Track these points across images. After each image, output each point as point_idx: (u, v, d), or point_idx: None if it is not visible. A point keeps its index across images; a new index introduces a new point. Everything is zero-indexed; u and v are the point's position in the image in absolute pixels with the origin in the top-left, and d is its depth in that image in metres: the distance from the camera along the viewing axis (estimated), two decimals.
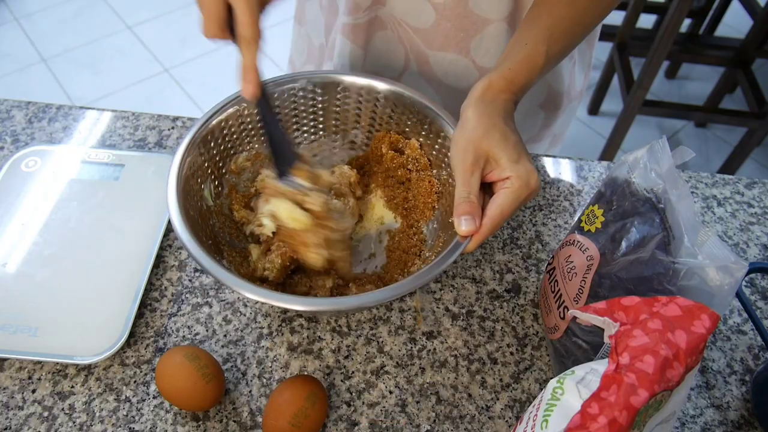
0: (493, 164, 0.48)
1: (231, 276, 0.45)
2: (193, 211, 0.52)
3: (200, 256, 0.46)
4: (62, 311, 0.54)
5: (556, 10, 0.53)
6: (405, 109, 0.59)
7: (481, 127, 0.48)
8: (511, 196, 0.47)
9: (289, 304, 0.44)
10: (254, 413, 0.50)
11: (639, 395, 0.33)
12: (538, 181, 0.47)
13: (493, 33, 0.65)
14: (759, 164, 2.01)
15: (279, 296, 0.44)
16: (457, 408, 0.51)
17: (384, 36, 0.69)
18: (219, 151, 0.57)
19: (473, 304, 0.58)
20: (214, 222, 0.56)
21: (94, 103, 2.02)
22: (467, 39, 0.66)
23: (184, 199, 0.50)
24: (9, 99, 0.74)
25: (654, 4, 2.05)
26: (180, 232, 0.47)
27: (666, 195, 0.44)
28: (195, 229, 0.49)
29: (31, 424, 0.49)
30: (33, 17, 2.37)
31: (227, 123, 0.57)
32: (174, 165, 0.51)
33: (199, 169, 0.54)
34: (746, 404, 0.53)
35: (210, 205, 0.56)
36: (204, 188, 0.55)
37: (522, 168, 0.47)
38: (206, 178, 0.56)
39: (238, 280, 0.45)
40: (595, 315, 0.38)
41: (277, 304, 0.44)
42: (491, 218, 0.47)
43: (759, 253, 0.65)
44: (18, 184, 0.63)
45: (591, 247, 0.47)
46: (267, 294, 0.44)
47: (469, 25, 0.64)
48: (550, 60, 0.53)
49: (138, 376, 0.52)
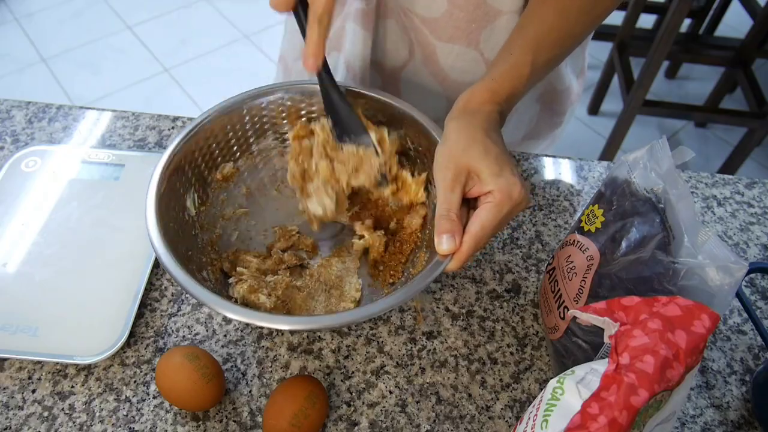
0: (475, 179, 0.46)
1: (206, 293, 0.44)
2: (174, 223, 0.52)
3: (176, 272, 0.46)
4: (62, 311, 0.54)
5: (545, 19, 0.52)
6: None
7: (461, 142, 0.47)
8: (493, 210, 0.45)
9: (263, 321, 0.44)
10: (254, 413, 0.50)
11: (639, 395, 0.33)
12: (522, 193, 0.45)
13: (503, 25, 0.64)
14: (759, 164, 2.01)
15: (249, 313, 0.44)
16: (457, 408, 0.51)
17: (389, 25, 0.68)
18: (204, 160, 0.57)
19: (473, 304, 0.58)
20: (196, 233, 0.56)
21: (94, 103, 2.02)
22: (478, 30, 0.64)
23: (165, 209, 0.50)
24: (9, 99, 0.74)
25: (654, 4, 2.05)
26: (157, 245, 0.47)
27: (666, 195, 0.44)
28: (174, 241, 0.49)
29: (31, 424, 0.49)
30: (33, 17, 2.37)
31: (212, 132, 0.57)
32: (156, 173, 0.51)
33: (182, 177, 0.54)
34: (746, 404, 0.53)
35: (192, 215, 0.56)
36: (187, 198, 0.55)
37: (503, 181, 0.45)
38: (189, 187, 0.56)
39: (214, 297, 0.44)
40: (595, 315, 0.38)
41: (244, 320, 0.44)
42: (472, 235, 0.45)
43: (759, 253, 0.65)
44: (18, 184, 0.63)
45: (591, 247, 0.47)
46: (240, 312, 0.44)
47: (481, 16, 0.63)
48: (537, 70, 0.52)
49: (138, 376, 0.52)
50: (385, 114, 0.58)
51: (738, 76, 1.86)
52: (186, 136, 0.54)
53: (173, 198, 0.53)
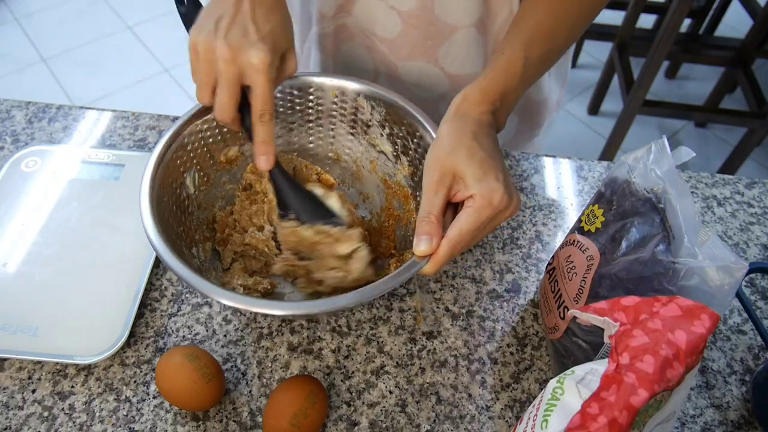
0: (460, 183, 0.46)
1: (193, 275, 0.45)
2: (168, 197, 0.52)
3: (165, 253, 0.46)
4: (62, 311, 0.54)
5: (536, 15, 0.52)
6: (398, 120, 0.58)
7: (449, 144, 0.47)
8: (473, 215, 0.44)
9: (237, 303, 0.44)
10: (254, 413, 0.50)
11: (639, 395, 0.33)
12: (504, 199, 0.44)
13: (461, 40, 0.64)
14: (759, 164, 2.01)
15: (228, 295, 0.44)
16: (457, 408, 0.51)
17: (352, 45, 0.69)
18: (207, 143, 0.57)
19: (473, 304, 0.58)
20: (192, 210, 0.56)
21: (94, 103, 2.02)
22: (435, 47, 0.65)
23: (160, 186, 0.51)
24: (9, 99, 0.74)
25: (654, 4, 2.05)
26: (146, 222, 0.47)
27: (666, 195, 0.44)
28: (165, 217, 0.50)
29: (31, 424, 0.49)
30: (33, 17, 2.37)
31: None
32: (156, 149, 0.52)
33: (183, 156, 0.55)
34: (746, 404, 0.53)
35: (191, 193, 0.56)
36: (187, 176, 0.56)
37: (485, 186, 0.44)
38: (191, 166, 0.56)
39: (201, 280, 0.44)
40: (595, 315, 0.38)
41: (225, 302, 0.44)
42: (449, 239, 0.44)
43: (759, 253, 0.65)
44: (18, 184, 0.63)
45: (591, 247, 0.47)
46: (223, 294, 0.44)
47: (436, 33, 0.63)
48: (530, 64, 0.51)
49: (138, 376, 0.52)
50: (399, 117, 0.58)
51: (738, 76, 1.86)
52: (191, 117, 0.55)
53: (172, 174, 0.54)
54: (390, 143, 0.59)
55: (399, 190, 0.60)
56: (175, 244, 0.48)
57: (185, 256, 0.47)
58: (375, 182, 0.63)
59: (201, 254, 0.56)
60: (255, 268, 0.58)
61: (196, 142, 0.56)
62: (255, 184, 0.61)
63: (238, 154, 0.61)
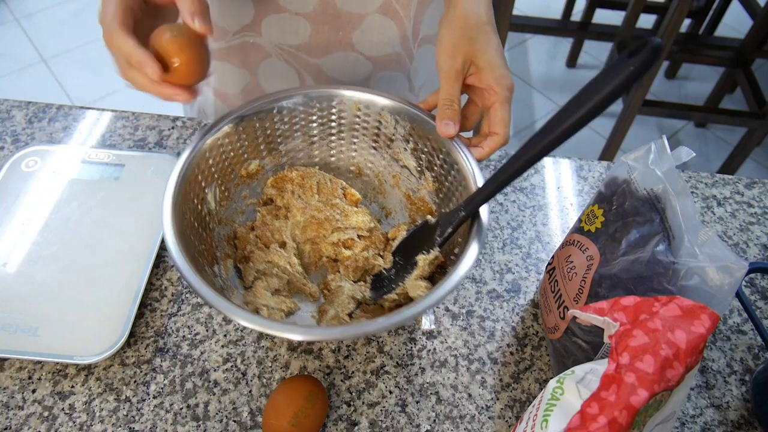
0: (473, 68, 0.50)
1: (215, 296, 0.43)
2: (189, 214, 0.51)
3: (186, 271, 0.44)
4: (62, 311, 0.54)
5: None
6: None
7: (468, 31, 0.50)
8: (506, 105, 0.50)
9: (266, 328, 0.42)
10: (254, 413, 0.50)
11: (639, 395, 0.33)
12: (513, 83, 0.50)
13: (372, 24, 0.65)
14: (759, 164, 2.01)
15: (250, 317, 0.42)
16: (457, 408, 0.52)
17: (271, 63, 0.68)
18: (228, 157, 0.56)
19: (473, 304, 0.58)
20: (213, 227, 0.55)
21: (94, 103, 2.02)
22: (347, 36, 0.66)
23: (182, 201, 0.50)
24: (9, 99, 0.74)
25: (654, 4, 2.05)
26: (169, 239, 0.45)
27: (666, 195, 0.44)
28: (187, 234, 0.48)
29: (31, 424, 0.49)
30: (33, 17, 2.37)
31: (244, 129, 0.56)
32: (178, 164, 0.51)
33: (205, 170, 0.53)
34: (746, 404, 0.53)
35: (212, 209, 0.55)
36: (208, 191, 0.54)
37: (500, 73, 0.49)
38: (212, 181, 0.55)
39: (223, 301, 0.42)
40: (595, 315, 0.38)
41: (248, 325, 0.42)
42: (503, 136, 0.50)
43: (759, 253, 0.65)
44: (18, 184, 0.63)
45: (591, 247, 0.47)
46: (247, 317, 0.42)
47: (345, 24, 0.64)
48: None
49: (138, 376, 0.52)
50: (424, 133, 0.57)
51: (738, 76, 1.86)
52: (212, 131, 0.54)
53: (194, 189, 0.52)
54: (414, 158, 0.58)
55: (422, 206, 0.59)
56: (197, 263, 0.46)
57: (207, 275, 0.46)
58: (398, 197, 0.62)
59: (223, 272, 0.54)
60: (278, 286, 0.56)
61: (217, 156, 0.55)
62: (276, 198, 0.60)
63: (258, 168, 0.59)
